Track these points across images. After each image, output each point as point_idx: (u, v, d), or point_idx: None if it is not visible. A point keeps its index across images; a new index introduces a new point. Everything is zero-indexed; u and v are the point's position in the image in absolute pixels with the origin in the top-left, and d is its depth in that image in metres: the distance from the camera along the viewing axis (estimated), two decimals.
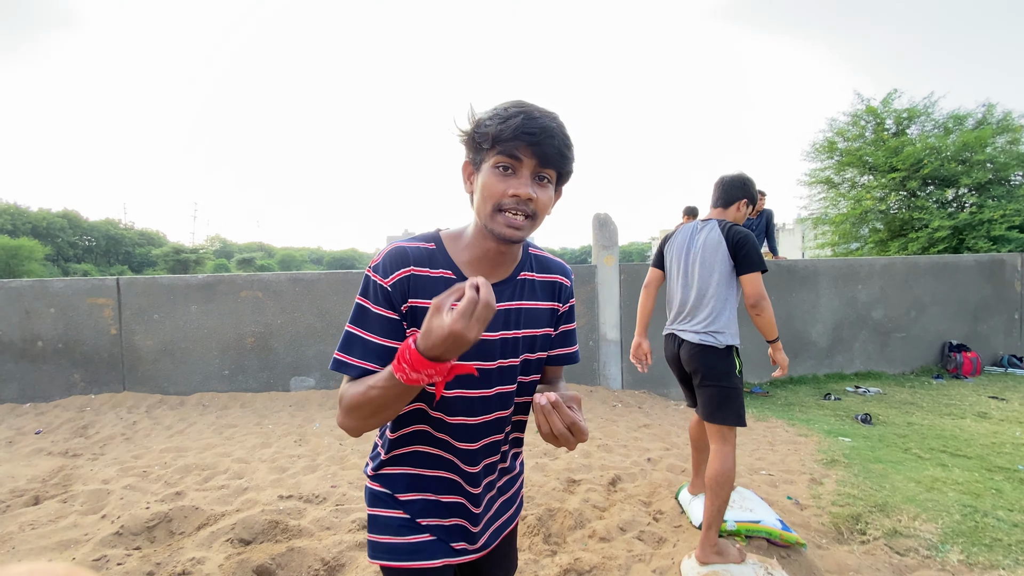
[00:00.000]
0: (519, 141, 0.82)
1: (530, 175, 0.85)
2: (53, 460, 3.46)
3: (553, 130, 0.84)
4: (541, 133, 0.82)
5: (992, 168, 10.28)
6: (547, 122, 0.84)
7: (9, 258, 28.71)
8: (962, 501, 2.74)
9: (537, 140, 0.82)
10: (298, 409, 4.61)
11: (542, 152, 0.84)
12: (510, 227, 0.85)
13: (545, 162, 0.85)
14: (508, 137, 0.82)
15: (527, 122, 0.82)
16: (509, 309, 0.96)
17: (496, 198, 0.85)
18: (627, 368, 5.43)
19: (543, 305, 1.01)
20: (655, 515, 2.60)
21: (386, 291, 0.88)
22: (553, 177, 0.89)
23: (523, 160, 0.84)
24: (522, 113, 0.83)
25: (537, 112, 0.84)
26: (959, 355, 6.12)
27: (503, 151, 0.83)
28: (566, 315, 1.07)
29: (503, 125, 0.83)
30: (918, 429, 4.08)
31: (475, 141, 0.87)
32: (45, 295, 4.89)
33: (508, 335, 0.95)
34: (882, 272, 6.27)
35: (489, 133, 0.84)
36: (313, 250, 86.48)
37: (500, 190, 0.84)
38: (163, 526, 2.48)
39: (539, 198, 0.86)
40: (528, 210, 0.86)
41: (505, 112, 0.84)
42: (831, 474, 3.17)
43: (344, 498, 2.79)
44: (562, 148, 0.85)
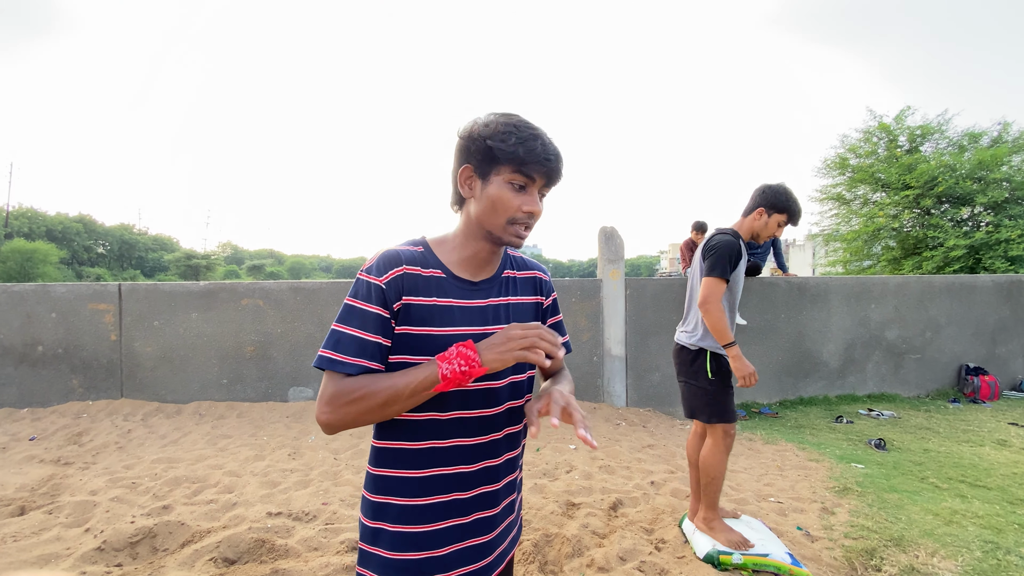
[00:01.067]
0: (538, 165, 0.92)
1: (538, 192, 0.96)
2: (44, 468, 3.41)
3: (560, 156, 0.95)
4: (555, 159, 0.94)
5: (1009, 187, 10.09)
6: (556, 148, 0.94)
7: (24, 261, 29.17)
8: (983, 536, 2.59)
9: (553, 166, 0.93)
10: (295, 420, 4.53)
11: (550, 175, 0.95)
12: (518, 237, 0.96)
13: (550, 183, 0.96)
14: (529, 160, 0.91)
15: (544, 148, 0.92)
16: (499, 304, 1.02)
17: (510, 212, 0.93)
18: (632, 385, 5.31)
19: (528, 300, 1.09)
20: (657, 544, 2.47)
21: (381, 289, 0.92)
22: (547, 192, 0.99)
23: (536, 180, 0.94)
24: (538, 138, 0.92)
25: (546, 137, 0.94)
26: (976, 378, 5.93)
27: (521, 171, 0.92)
28: (551, 308, 1.15)
29: (524, 147, 0.91)
30: (935, 456, 3.92)
31: (485, 154, 0.93)
32: (47, 300, 4.89)
33: (495, 329, 0.99)
34: (896, 291, 6.11)
35: (506, 151, 0.91)
36: (323, 258, 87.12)
37: (515, 205, 0.93)
38: (147, 542, 2.40)
39: (541, 212, 0.97)
40: (532, 224, 0.96)
41: (519, 132, 0.92)
42: (844, 503, 3.02)
43: (335, 516, 2.70)
44: (562, 170, 0.97)
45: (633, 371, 5.31)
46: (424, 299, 0.94)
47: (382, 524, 0.97)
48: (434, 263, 0.98)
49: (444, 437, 0.96)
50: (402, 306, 0.93)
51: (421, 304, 0.94)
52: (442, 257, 0.99)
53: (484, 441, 0.99)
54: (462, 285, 0.98)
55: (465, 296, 0.98)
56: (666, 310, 5.37)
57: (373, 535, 0.97)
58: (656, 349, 5.35)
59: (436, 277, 0.96)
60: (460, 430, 0.97)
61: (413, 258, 0.96)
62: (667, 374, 5.33)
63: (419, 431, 0.96)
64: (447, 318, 0.95)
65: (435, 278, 0.96)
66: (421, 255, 0.97)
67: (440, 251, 1.00)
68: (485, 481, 1.00)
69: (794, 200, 2.33)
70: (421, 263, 0.96)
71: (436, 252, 0.99)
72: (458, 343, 0.90)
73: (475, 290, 1.00)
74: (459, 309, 0.97)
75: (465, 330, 0.96)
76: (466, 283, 0.99)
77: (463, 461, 0.97)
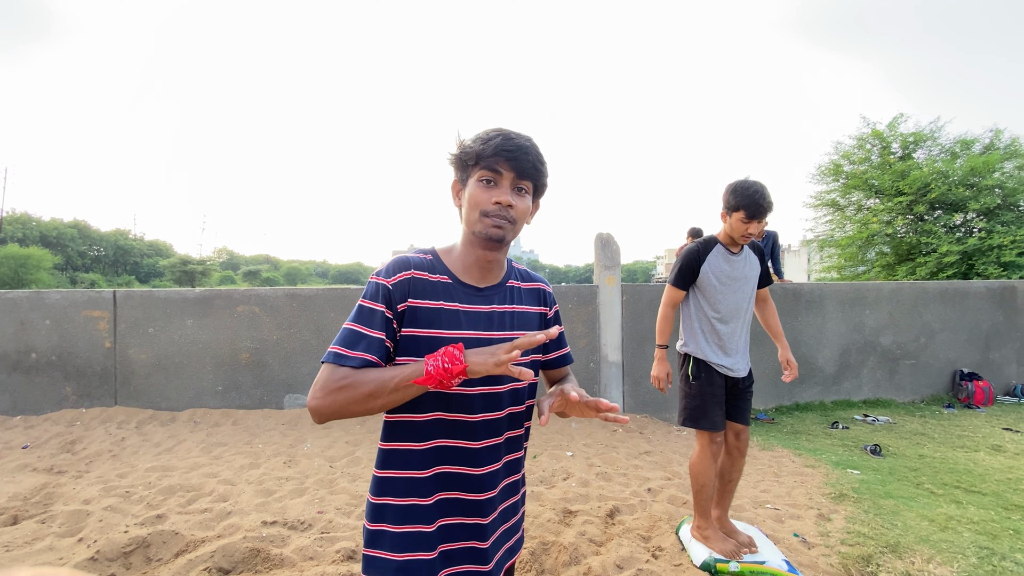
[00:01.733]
0: (499, 157, 0.96)
1: (510, 186, 0.98)
2: (37, 477, 3.37)
3: (528, 148, 0.98)
4: (518, 150, 0.97)
5: (1001, 193, 10.19)
6: (522, 142, 0.98)
7: (18, 267, 28.96)
8: (978, 542, 2.60)
9: (514, 156, 0.96)
10: (290, 428, 4.51)
11: (519, 166, 0.97)
12: (494, 227, 0.97)
13: (522, 175, 0.98)
14: (490, 154, 0.96)
15: (505, 141, 0.97)
16: (504, 312, 1.06)
17: (481, 205, 0.97)
18: (629, 391, 5.31)
19: (532, 309, 1.12)
20: (654, 552, 2.47)
21: (388, 290, 0.97)
22: (530, 188, 1.02)
23: (503, 173, 0.97)
24: (500, 135, 0.98)
25: (514, 134, 0.99)
26: (971, 384, 5.96)
27: (486, 166, 0.97)
28: (554, 319, 1.19)
29: (485, 145, 0.97)
30: (930, 462, 3.93)
31: (461, 161, 1.00)
32: (41, 306, 4.86)
33: (505, 335, 1.03)
34: (890, 297, 6.15)
35: (473, 151, 0.98)
36: (319, 263, 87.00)
37: (485, 199, 0.97)
38: (140, 552, 2.38)
39: (518, 205, 0.99)
40: (508, 216, 0.98)
41: (486, 135, 0.99)
42: (840, 509, 3.03)
43: (330, 525, 2.68)
44: (536, 163, 0.99)
45: (630, 377, 5.31)
46: (431, 303, 0.99)
47: (383, 526, 0.99)
48: (441, 269, 1.03)
49: (445, 437, 1.00)
50: (407, 308, 0.97)
51: (427, 307, 0.98)
52: (449, 264, 1.04)
53: (486, 445, 1.03)
54: (468, 290, 1.03)
55: (471, 301, 1.02)
56: None
57: (374, 538, 1.00)
58: (652, 355, 5.35)
59: (443, 283, 1.01)
60: (462, 432, 1.00)
61: (421, 264, 1.01)
62: None
63: (421, 431, 0.99)
64: (453, 321, 0.99)
65: (441, 283, 1.01)
66: (429, 262, 1.03)
67: (447, 259, 1.05)
68: (484, 485, 1.02)
69: (746, 194, 2.15)
70: (429, 269, 1.01)
71: (443, 260, 1.05)
72: (450, 344, 0.93)
73: (480, 296, 1.04)
74: (465, 313, 1.01)
75: (470, 334, 1.00)
76: (472, 288, 1.04)
77: (464, 463, 1.01)
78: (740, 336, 2.41)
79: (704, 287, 2.38)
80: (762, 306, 2.65)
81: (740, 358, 2.42)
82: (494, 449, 1.04)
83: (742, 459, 2.48)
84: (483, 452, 1.02)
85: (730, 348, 2.40)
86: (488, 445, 1.03)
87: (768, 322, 2.66)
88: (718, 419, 2.38)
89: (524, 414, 1.11)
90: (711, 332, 2.40)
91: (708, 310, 2.38)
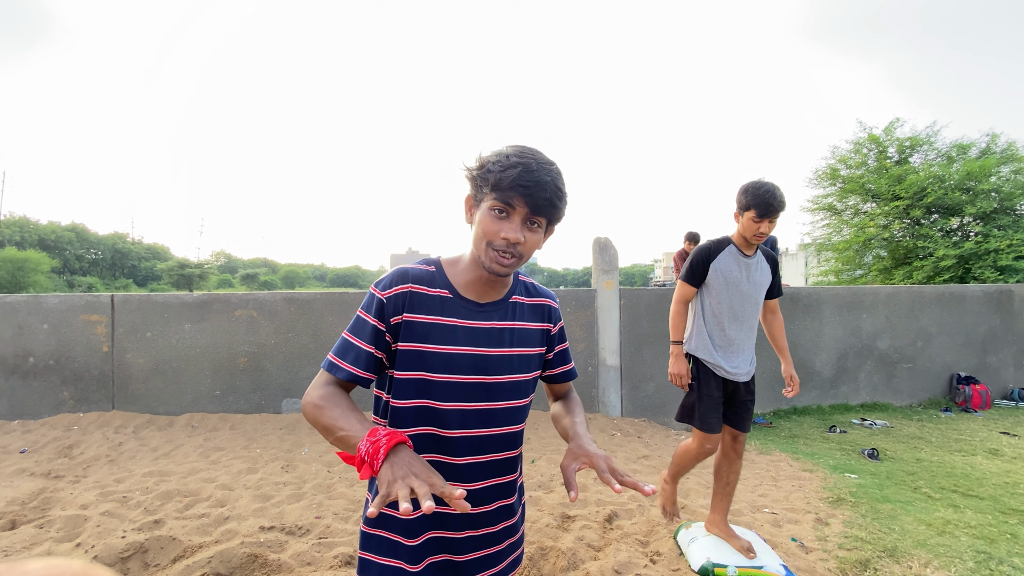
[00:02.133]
0: (514, 192, 0.91)
1: (521, 220, 0.94)
2: (35, 481, 3.36)
3: (546, 184, 0.92)
4: (535, 186, 0.91)
5: (997, 197, 10.24)
6: (542, 175, 0.92)
7: (15, 270, 28.90)
8: (975, 547, 2.60)
9: (530, 192, 0.91)
10: (288, 432, 4.50)
11: (534, 203, 0.92)
12: (498, 264, 0.95)
13: (536, 211, 0.93)
14: (506, 186, 0.91)
15: (524, 175, 0.91)
16: (503, 328, 1.04)
17: (490, 237, 0.94)
18: (627, 395, 5.32)
19: (534, 326, 1.09)
20: (652, 557, 2.47)
21: (381, 303, 0.97)
22: (543, 223, 0.97)
23: (516, 208, 0.93)
24: (521, 165, 0.91)
25: (535, 165, 0.92)
26: (968, 387, 5.98)
27: (500, 197, 0.93)
28: (558, 336, 1.16)
29: (503, 174, 0.92)
30: (927, 466, 3.94)
31: (477, 181, 0.96)
32: (39, 311, 4.85)
33: (503, 352, 1.02)
34: (887, 301, 6.17)
35: (490, 179, 0.93)
36: (317, 267, 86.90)
37: (494, 231, 0.94)
38: (137, 557, 2.38)
39: (527, 241, 0.95)
40: (515, 252, 0.95)
41: (507, 160, 0.93)
42: (837, 514, 3.04)
43: (328, 530, 2.68)
44: (553, 199, 0.93)
45: (628, 381, 5.32)
46: (427, 317, 0.98)
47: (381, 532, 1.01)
48: (442, 283, 1.01)
49: (444, 453, 1.00)
50: (402, 322, 0.97)
51: (423, 322, 0.97)
52: (452, 278, 1.02)
53: (480, 461, 1.02)
54: (468, 306, 1.01)
55: (470, 317, 1.01)
56: (660, 320, 5.39)
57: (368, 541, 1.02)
58: (651, 359, 5.37)
59: (442, 297, 1.00)
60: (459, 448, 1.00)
61: (421, 277, 1.00)
62: (662, 384, 5.34)
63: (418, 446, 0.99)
64: (450, 337, 0.98)
65: (440, 297, 0.99)
66: (430, 275, 1.01)
67: (451, 272, 1.03)
68: (477, 501, 1.02)
69: (757, 193, 2.16)
70: (428, 282, 1.00)
71: (447, 273, 1.03)
72: (393, 435, 0.84)
73: (480, 312, 1.02)
74: (463, 329, 0.99)
75: (467, 350, 0.99)
76: (472, 304, 1.02)
77: (458, 479, 1.00)
78: (744, 341, 2.38)
79: (711, 286, 2.36)
80: (770, 318, 2.61)
81: (742, 362, 2.38)
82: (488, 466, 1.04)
83: (738, 461, 2.47)
84: (478, 467, 1.03)
85: (732, 351, 2.37)
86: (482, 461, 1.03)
87: (773, 335, 2.62)
88: (713, 421, 2.35)
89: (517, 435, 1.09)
90: (714, 333, 2.38)
91: (713, 310, 2.37)
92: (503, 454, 1.05)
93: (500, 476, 1.06)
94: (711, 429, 2.35)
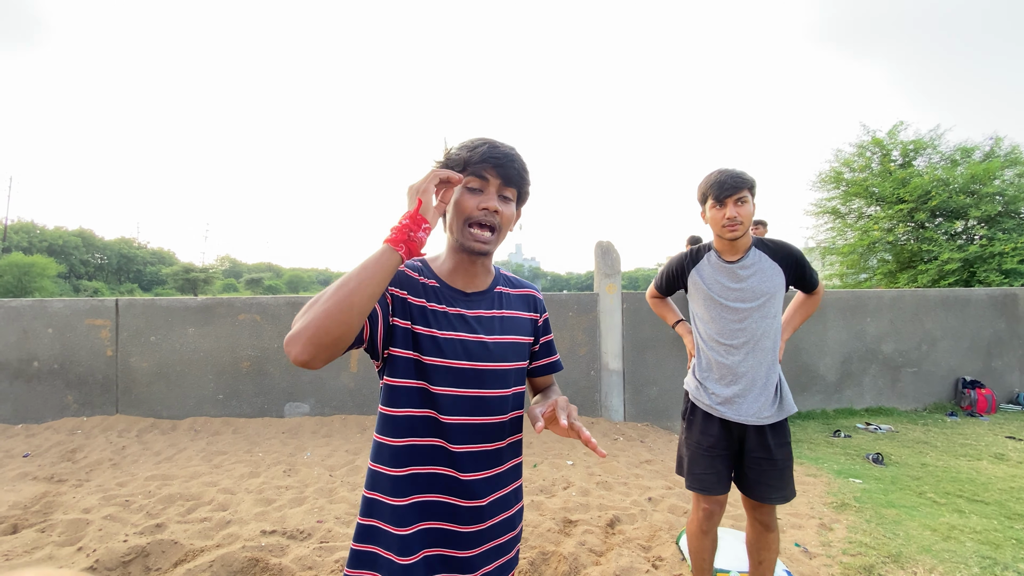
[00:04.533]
0: (486, 164, 0.99)
1: (496, 192, 1.01)
2: (37, 485, 3.38)
3: (513, 156, 1.02)
4: (504, 158, 1.00)
5: (1002, 201, 10.19)
6: (508, 150, 1.01)
7: (22, 275, 29.09)
8: (981, 552, 2.58)
9: (501, 163, 1.00)
10: (290, 436, 4.51)
11: (505, 173, 1.00)
12: (478, 241, 1.01)
13: (508, 182, 1.01)
14: (477, 160, 0.99)
15: (492, 150, 1.00)
16: (493, 316, 1.08)
17: (467, 212, 1.00)
18: (630, 399, 5.30)
19: (523, 315, 1.14)
20: (654, 562, 2.46)
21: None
22: (514, 196, 1.05)
23: (490, 180, 1.01)
24: (487, 144, 1.01)
25: (499, 143, 1.02)
26: (973, 392, 5.93)
27: (473, 172, 1.00)
28: (544, 327, 1.21)
29: (472, 152, 1.00)
30: (932, 471, 3.91)
31: (449, 167, 1.02)
32: (44, 315, 4.88)
33: (494, 339, 1.06)
34: (891, 305, 6.14)
35: (460, 159, 1.01)
36: (321, 271, 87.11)
37: (471, 205, 1.00)
38: (139, 561, 2.38)
39: (503, 212, 1.02)
40: (494, 222, 1.01)
41: (472, 144, 1.02)
42: (842, 519, 3.01)
43: (329, 534, 2.68)
44: (521, 171, 1.03)
45: (631, 385, 5.30)
46: (419, 300, 1.02)
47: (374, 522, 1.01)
48: (429, 274, 1.07)
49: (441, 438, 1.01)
50: (400, 296, 1.01)
51: (416, 304, 1.02)
52: (436, 270, 1.08)
53: (475, 450, 1.03)
54: (455, 295, 1.06)
55: (458, 305, 1.05)
56: (662, 324, 5.38)
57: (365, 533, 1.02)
58: (653, 363, 5.35)
59: (432, 285, 1.05)
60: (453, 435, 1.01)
61: (412, 265, 1.07)
62: (664, 388, 5.32)
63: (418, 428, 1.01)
64: (442, 322, 1.02)
65: (431, 286, 1.05)
66: (419, 267, 1.08)
67: (434, 266, 1.10)
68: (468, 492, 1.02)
69: (708, 179, 1.86)
70: (419, 272, 1.06)
71: (431, 266, 1.09)
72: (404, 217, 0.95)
73: (467, 300, 1.07)
74: (454, 316, 1.04)
75: (459, 335, 1.03)
76: (459, 293, 1.07)
77: (448, 464, 1.01)
78: (747, 370, 1.83)
79: (695, 302, 1.97)
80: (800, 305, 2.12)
81: (746, 398, 1.82)
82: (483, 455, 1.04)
83: (769, 534, 1.89)
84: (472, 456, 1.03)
85: (729, 383, 1.85)
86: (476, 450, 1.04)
87: (788, 314, 2.11)
88: (707, 478, 1.86)
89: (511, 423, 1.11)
90: (707, 360, 1.93)
91: (701, 332, 1.95)
92: (496, 444, 1.06)
93: (495, 467, 1.06)
94: (704, 488, 1.87)
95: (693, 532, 1.96)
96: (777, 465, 1.80)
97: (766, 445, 1.81)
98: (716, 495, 1.87)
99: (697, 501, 1.92)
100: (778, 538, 1.90)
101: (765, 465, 1.81)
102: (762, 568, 1.92)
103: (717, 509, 1.89)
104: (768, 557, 1.89)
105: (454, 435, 1.01)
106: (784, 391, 1.85)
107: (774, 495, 1.80)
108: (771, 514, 1.85)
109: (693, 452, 1.90)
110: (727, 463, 1.87)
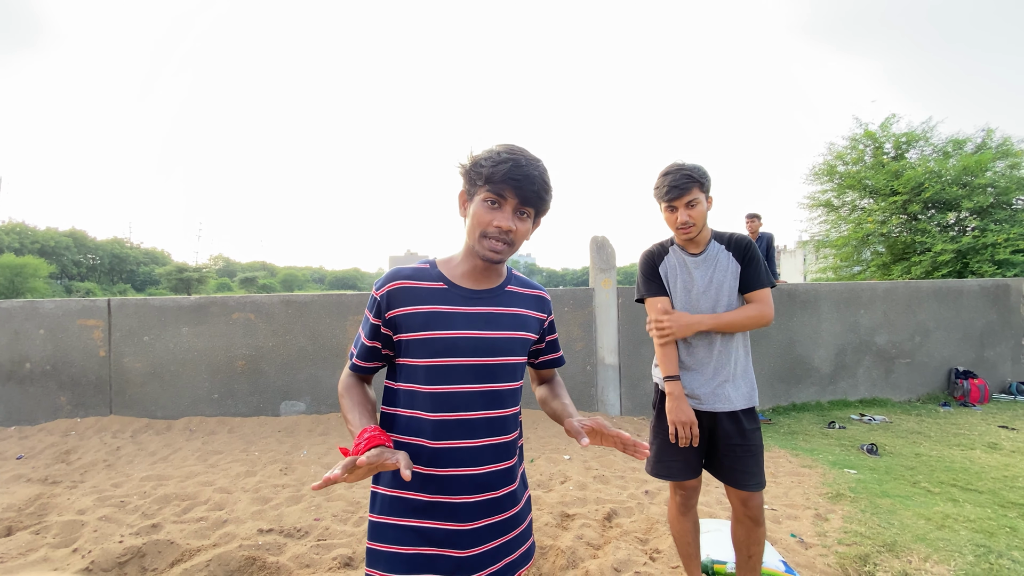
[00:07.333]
0: (505, 184, 1.01)
1: (512, 210, 1.04)
2: (31, 487, 3.35)
3: (534, 177, 1.02)
4: (524, 180, 1.01)
5: (994, 192, 10.25)
6: (530, 170, 1.02)
7: (13, 276, 28.86)
8: (975, 540, 2.60)
9: (520, 185, 1.01)
10: (287, 435, 4.49)
11: (523, 194, 1.02)
12: (492, 251, 1.05)
13: (525, 202, 1.04)
14: (498, 179, 1.01)
15: (514, 169, 1.01)
16: (502, 313, 1.12)
17: (483, 226, 1.04)
18: (626, 393, 5.32)
19: (531, 314, 1.18)
20: (652, 554, 2.47)
21: (376, 301, 1.08)
22: (532, 213, 1.07)
23: (507, 199, 1.03)
24: (511, 160, 1.01)
25: (523, 160, 1.02)
26: (966, 382, 5.98)
27: (492, 189, 1.02)
28: (550, 327, 1.27)
29: (494, 168, 1.01)
30: (926, 461, 3.94)
31: (471, 176, 1.06)
32: (35, 316, 4.84)
33: (501, 335, 1.09)
34: (885, 296, 6.18)
35: (483, 173, 1.02)
36: (315, 269, 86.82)
37: (487, 220, 1.03)
38: (135, 562, 2.37)
39: (518, 229, 1.05)
40: (507, 239, 1.04)
41: (498, 156, 1.02)
42: (837, 509, 3.03)
43: (327, 532, 2.67)
44: (540, 192, 1.04)
45: (627, 380, 5.32)
46: (422, 307, 1.06)
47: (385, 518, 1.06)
48: (436, 276, 1.10)
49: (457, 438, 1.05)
50: (396, 315, 1.06)
51: (419, 312, 1.06)
52: (446, 272, 1.11)
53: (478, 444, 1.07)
54: (464, 293, 1.09)
55: (467, 304, 1.09)
56: None
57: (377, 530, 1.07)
58: (649, 357, 5.36)
59: (437, 288, 1.08)
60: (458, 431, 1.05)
61: (414, 273, 1.10)
62: None
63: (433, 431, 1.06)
64: (447, 323, 1.05)
65: (437, 289, 1.08)
66: (425, 271, 1.11)
67: (445, 267, 1.12)
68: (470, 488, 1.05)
69: (657, 180, 1.86)
70: (422, 277, 1.09)
71: (441, 268, 1.12)
72: (369, 434, 0.95)
73: (477, 298, 1.10)
74: (462, 315, 1.07)
75: (466, 333, 1.06)
76: (467, 291, 1.10)
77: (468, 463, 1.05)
78: (710, 355, 1.88)
79: (673, 298, 1.95)
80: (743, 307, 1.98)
81: (708, 383, 1.86)
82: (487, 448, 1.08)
83: (757, 528, 1.88)
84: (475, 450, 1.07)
85: (695, 371, 1.89)
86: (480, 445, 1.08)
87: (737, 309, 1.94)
88: (673, 465, 1.90)
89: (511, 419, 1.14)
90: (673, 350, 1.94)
91: None
92: (502, 438, 1.10)
93: (502, 461, 1.10)
94: (671, 475, 1.91)
95: (673, 517, 2.02)
96: (752, 451, 1.84)
97: (742, 431, 1.84)
98: (690, 480, 1.92)
99: (674, 488, 1.99)
100: (765, 531, 1.92)
101: (740, 451, 1.83)
102: (752, 562, 1.93)
103: (693, 493, 1.97)
104: (757, 551, 1.92)
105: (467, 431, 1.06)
106: (751, 378, 1.91)
107: (750, 481, 1.82)
108: (760, 509, 1.87)
109: (663, 441, 1.91)
110: (698, 452, 1.90)
